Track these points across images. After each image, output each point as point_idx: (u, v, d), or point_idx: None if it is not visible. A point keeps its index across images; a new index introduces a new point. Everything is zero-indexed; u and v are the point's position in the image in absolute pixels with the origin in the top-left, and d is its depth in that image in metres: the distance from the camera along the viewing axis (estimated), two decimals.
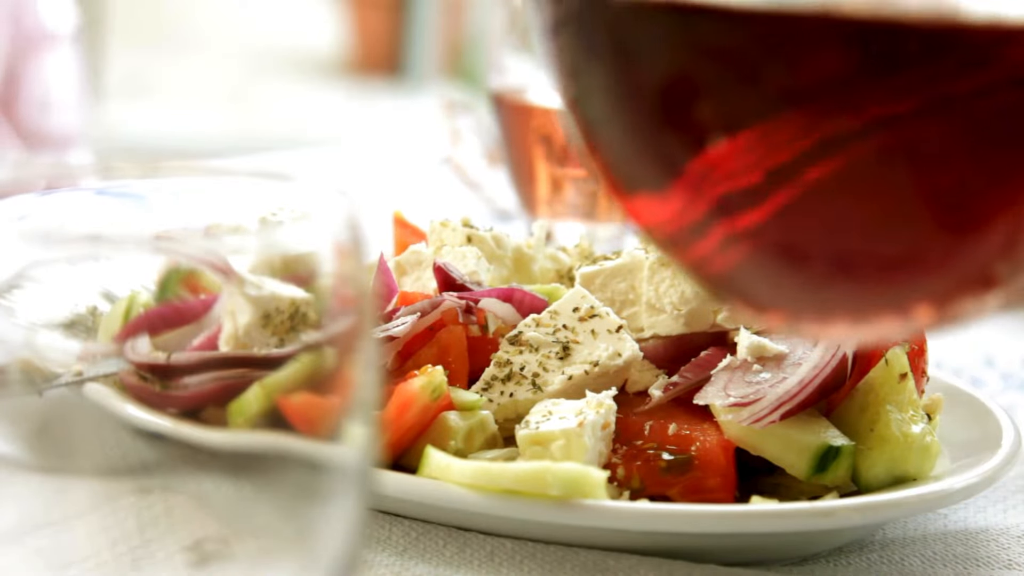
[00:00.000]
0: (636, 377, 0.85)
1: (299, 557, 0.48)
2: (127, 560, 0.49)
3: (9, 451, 0.49)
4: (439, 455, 0.77)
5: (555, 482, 0.73)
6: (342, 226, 0.48)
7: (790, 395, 0.78)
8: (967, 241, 0.45)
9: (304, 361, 0.49)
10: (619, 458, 0.78)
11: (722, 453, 0.78)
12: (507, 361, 0.85)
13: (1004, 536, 0.82)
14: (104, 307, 0.53)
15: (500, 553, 0.75)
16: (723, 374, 0.81)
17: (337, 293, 0.48)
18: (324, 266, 0.48)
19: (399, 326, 0.84)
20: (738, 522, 0.73)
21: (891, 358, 0.81)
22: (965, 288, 0.47)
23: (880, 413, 0.80)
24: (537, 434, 0.78)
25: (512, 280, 0.96)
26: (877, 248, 0.46)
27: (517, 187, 1.62)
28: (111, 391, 0.51)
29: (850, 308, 0.48)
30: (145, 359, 0.52)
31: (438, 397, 0.81)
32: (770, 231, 0.46)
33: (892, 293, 0.47)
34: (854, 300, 0.48)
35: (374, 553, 0.75)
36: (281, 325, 0.50)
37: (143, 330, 0.51)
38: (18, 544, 0.48)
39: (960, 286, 0.47)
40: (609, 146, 0.49)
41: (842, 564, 0.78)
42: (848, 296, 0.48)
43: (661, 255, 0.86)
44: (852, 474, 0.79)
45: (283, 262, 0.49)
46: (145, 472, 0.49)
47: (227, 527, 0.49)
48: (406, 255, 0.96)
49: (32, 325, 0.50)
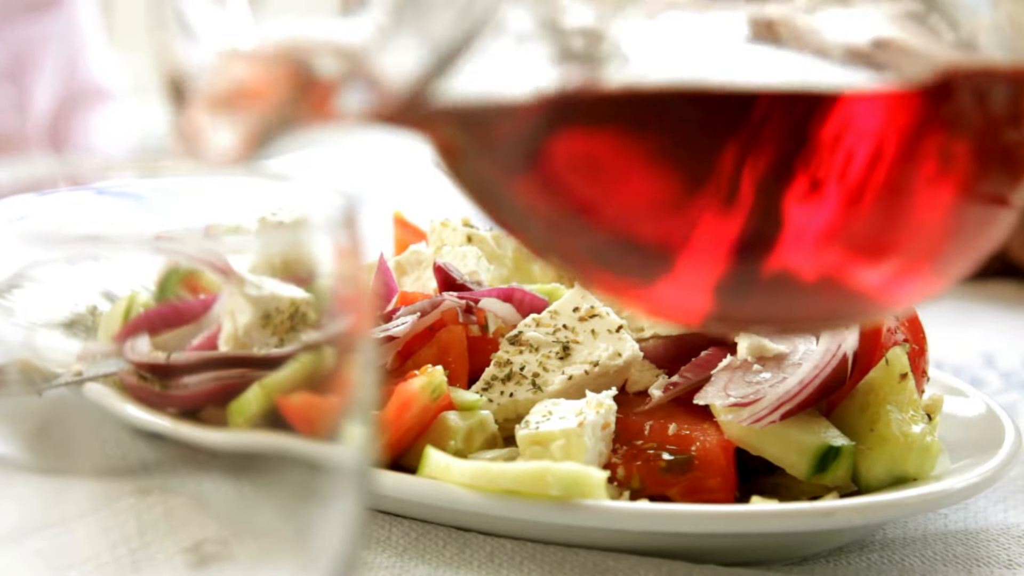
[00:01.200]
0: (636, 377, 0.85)
1: (299, 557, 0.48)
2: (127, 562, 0.49)
3: (8, 452, 0.49)
4: (439, 455, 0.77)
5: (555, 482, 0.73)
6: (342, 226, 0.48)
7: (790, 395, 0.78)
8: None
9: (304, 361, 0.49)
10: (619, 458, 0.78)
11: (722, 453, 0.78)
12: (507, 361, 0.85)
13: (1004, 536, 0.82)
14: (104, 307, 0.53)
15: (500, 554, 0.75)
16: (723, 374, 0.81)
17: (337, 293, 0.48)
18: (324, 266, 0.48)
19: (399, 326, 0.84)
20: (738, 522, 0.73)
21: (891, 358, 0.81)
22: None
23: (880, 413, 0.80)
24: (537, 434, 0.78)
25: (512, 280, 0.96)
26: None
27: None
28: (111, 391, 0.51)
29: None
30: (145, 359, 0.52)
31: (438, 397, 0.81)
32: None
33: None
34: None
35: (374, 554, 0.75)
36: (281, 325, 0.50)
37: (143, 330, 0.51)
38: (17, 546, 0.48)
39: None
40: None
41: (842, 564, 0.78)
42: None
43: None
44: (852, 474, 0.79)
45: (283, 262, 0.49)
46: (145, 473, 0.49)
47: (227, 528, 0.49)
48: (406, 255, 0.96)
49: (31, 325, 0.50)
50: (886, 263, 0.51)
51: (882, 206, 0.48)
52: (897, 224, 0.49)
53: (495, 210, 0.53)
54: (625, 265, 0.51)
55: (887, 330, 0.84)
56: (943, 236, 0.51)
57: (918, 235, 0.50)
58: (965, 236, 0.51)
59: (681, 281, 0.50)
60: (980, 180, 0.49)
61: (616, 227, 0.50)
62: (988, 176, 0.50)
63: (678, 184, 0.48)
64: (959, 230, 0.51)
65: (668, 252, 0.49)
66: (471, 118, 0.49)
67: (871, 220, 0.49)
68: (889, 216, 0.49)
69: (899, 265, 0.51)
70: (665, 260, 0.50)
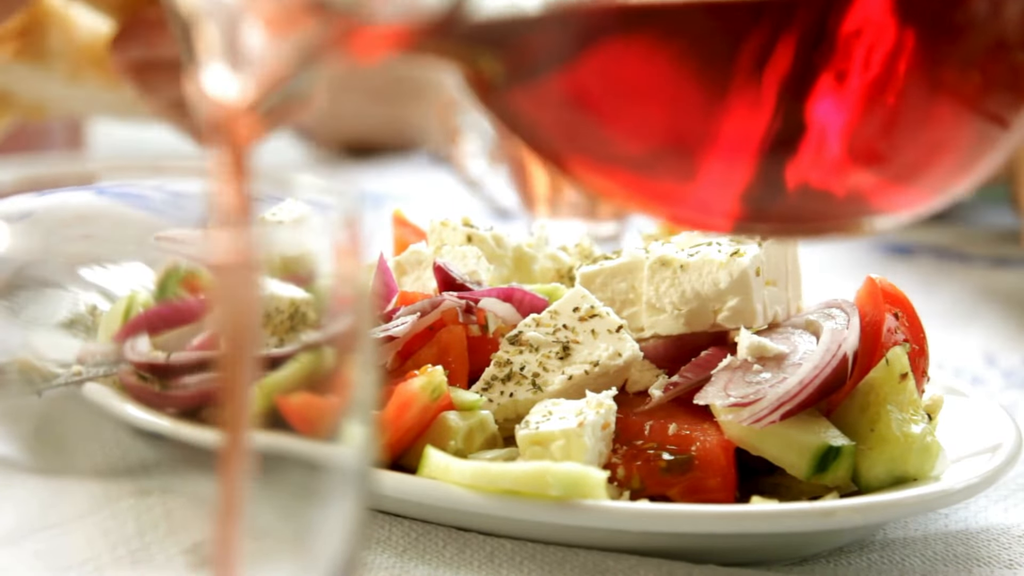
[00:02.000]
0: (636, 377, 0.85)
1: (299, 558, 0.48)
2: (127, 563, 0.49)
3: (8, 452, 0.49)
4: (439, 455, 0.77)
5: (555, 482, 0.73)
6: (342, 226, 0.48)
7: (790, 395, 0.78)
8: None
9: (303, 361, 0.49)
10: (619, 458, 0.78)
11: (722, 453, 0.78)
12: (507, 361, 0.85)
13: (1005, 536, 0.82)
14: (104, 307, 0.53)
15: (500, 554, 0.75)
16: (723, 374, 0.81)
17: (337, 293, 0.48)
18: (324, 266, 0.48)
19: (399, 326, 0.84)
20: (738, 522, 0.73)
21: (892, 358, 0.81)
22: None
23: (880, 413, 0.80)
24: (537, 434, 0.78)
25: (512, 280, 0.96)
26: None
27: (517, 186, 1.62)
28: (110, 391, 0.51)
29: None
30: (145, 359, 0.52)
31: (438, 397, 0.81)
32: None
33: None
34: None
35: (374, 554, 0.75)
36: (281, 325, 0.50)
37: (143, 330, 0.51)
38: (17, 547, 0.48)
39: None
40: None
41: (842, 564, 0.78)
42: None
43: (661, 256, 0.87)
44: (852, 474, 0.79)
45: (283, 262, 0.49)
46: (144, 473, 0.49)
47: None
48: (406, 255, 0.96)
49: (31, 325, 0.50)
50: (890, 166, 0.52)
51: (895, 107, 0.50)
52: (905, 126, 0.51)
53: (526, 133, 0.54)
54: (657, 170, 0.53)
55: (887, 330, 0.84)
56: (946, 144, 0.52)
57: (923, 139, 0.52)
58: (964, 149, 0.53)
59: (710, 182, 0.52)
60: (984, 94, 0.51)
61: (648, 132, 0.52)
62: (992, 92, 0.51)
63: (704, 87, 0.50)
64: (960, 142, 0.52)
65: (698, 154, 0.52)
66: (504, 35, 0.50)
67: (883, 120, 0.51)
68: (899, 117, 0.50)
69: (902, 170, 0.53)
70: (695, 162, 0.52)
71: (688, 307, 0.85)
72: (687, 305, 0.85)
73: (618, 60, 0.51)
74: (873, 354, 0.83)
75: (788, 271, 0.89)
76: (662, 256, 0.86)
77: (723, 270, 0.84)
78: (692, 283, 0.85)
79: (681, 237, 0.92)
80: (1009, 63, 0.50)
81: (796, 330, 0.85)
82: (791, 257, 0.90)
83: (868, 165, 0.52)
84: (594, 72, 0.51)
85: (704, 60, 0.50)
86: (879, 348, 0.83)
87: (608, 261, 0.90)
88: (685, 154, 0.52)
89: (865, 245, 1.65)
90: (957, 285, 1.50)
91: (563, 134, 0.53)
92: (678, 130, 0.51)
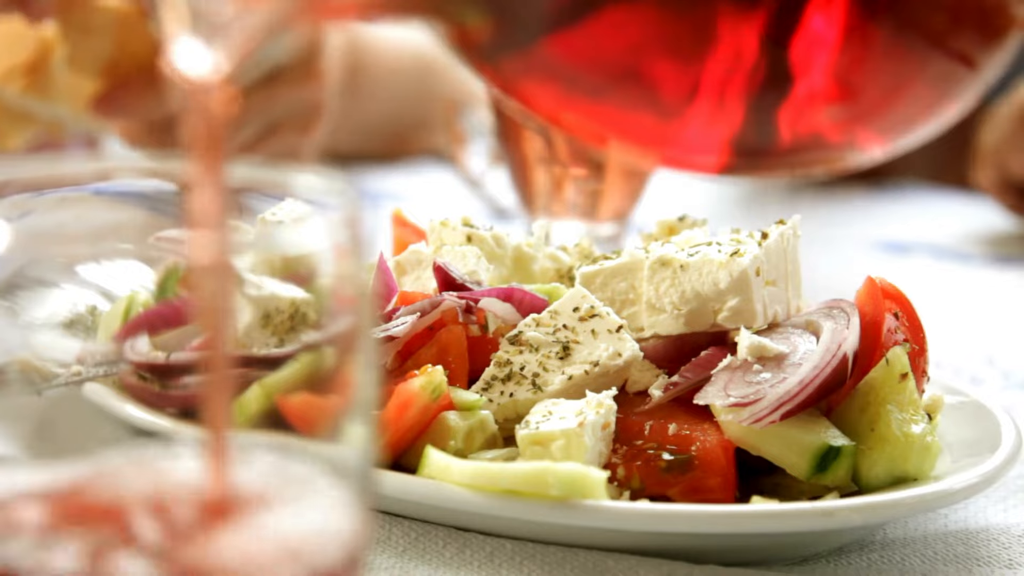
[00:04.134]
0: (636, 377, 0.85)
1: (299, 558, 0.48)
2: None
3: (8, 452, 0.49)
4: (439, 455, 0.77)
5: (555, 482, 0.73)
6: (342, 226, 0.48)
7: (790, 395, 0.78)
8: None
9: (304, 361, 0.49)
10: (619, 458, 0.78)
11: (722, 453, 0.78)
12: (507, 361, 0.85)
13: (1005, 536, 0.82)
14: (104, 307, 0.53)
15: (500, 554, 0.75)
16: (723, 374, 0.81)
17: (337, 293, 0.48)
18: (324, 266, 0.48)
19: (399, 326, 0.84)
20: (738, 522, 0.73)
21: (892, 358, 0.81)
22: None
23: (880, 413, 0.80)
24: (537, 434, 0.78)
25: (512, 280, 0.96)
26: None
27: (517, 186, 1.62)
28: (110, 391, 0.51)
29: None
30: (144, 359, 0.52)
31: (438, 397, 0.81)
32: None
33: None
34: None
35: (374, 554, 0.75)
36: (281, 325, 0.50)
37: (142, 330, 0.51)
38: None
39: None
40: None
41: (842, 564, 0.78)
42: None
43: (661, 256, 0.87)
44: (852, 474, 0.79)
45: (283, 262, 0.49)
46: None
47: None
48: (406, 255, 0.96)
49: (31, 325, 0.50)
50: (865, 100, 0.54)
51: (871, 42, 0.51)
52: (879, 61, 0.52)
53: (515, 86, 0.55)
54: (646, 111, 0.54)
55: (887, 330, 0.84)
56: (914, 80, 0.54)
57: (895, 72, 0.53)
58: (932, 85, 0.54)
59: (698, 121, 0.53)
60: (952, 32, 0.52)
61: (638, 74, 0.53)
62: (959, 30, 0.52)
63: (691, 27, 0.52)
64: (929, 77, 0.54)
65: (689, 96, 0.53)
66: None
67: (860, 56, 0.51)
68: (874, 53, 0.52)
69: (874, 105, 0.54)
70: (683, 101, 0.53)
71: (688, 307, 0.85)
72: (687, 305, 0.85)
73: (607, 5, 0.51)
74: (873, 354, 0.83)
75: (788, 271, 0.89)
76: (662, 256, 0.86)
77: (723, 270, 0.84)
78: (692, 283, 0.85)
79: (681, 237, 0.92)
80: (978, 3, 0.51)
81: (796, 330, 0.85)
82: (791, 257, 0.90)
83: (845, 100, 0.52)
84: (583, 19, 0.51)
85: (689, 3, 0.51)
86: (879, 348, 0.83)
87: (608, 261, 0.90)
88: (673, 92, 0.53)
89: (865, 245, 1.65)
90: (957, 285, 1.50)
91: (554, 82, 0.53)
92: (666, 71, 0.52)
